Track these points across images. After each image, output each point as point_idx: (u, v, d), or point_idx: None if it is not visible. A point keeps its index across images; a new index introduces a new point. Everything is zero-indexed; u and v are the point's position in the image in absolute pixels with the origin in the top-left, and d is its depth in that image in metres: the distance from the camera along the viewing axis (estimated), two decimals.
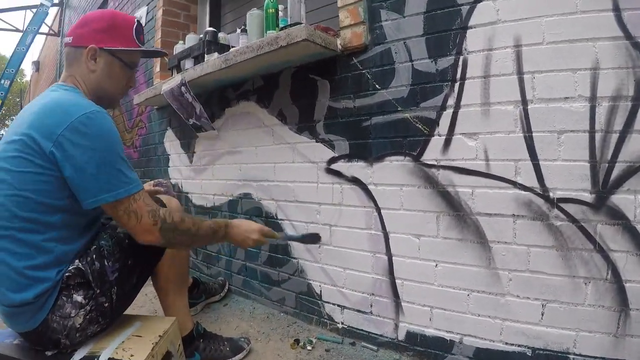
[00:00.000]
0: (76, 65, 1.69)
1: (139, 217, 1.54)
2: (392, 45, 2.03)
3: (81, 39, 1.67)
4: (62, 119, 1.43)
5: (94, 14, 1.75)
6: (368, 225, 2.16)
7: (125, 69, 1.78)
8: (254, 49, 2.22)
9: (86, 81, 1.70)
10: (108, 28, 1.69)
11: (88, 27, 1.68)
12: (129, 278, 1.71)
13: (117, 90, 1.81)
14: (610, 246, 1.59)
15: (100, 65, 1.69)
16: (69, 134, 1.41)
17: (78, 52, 1.67)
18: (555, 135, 1.65)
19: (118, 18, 1.74)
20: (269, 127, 2.64)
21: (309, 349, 2.18)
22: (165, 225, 1.60)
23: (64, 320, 1.50)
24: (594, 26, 1.59)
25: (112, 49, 1.69)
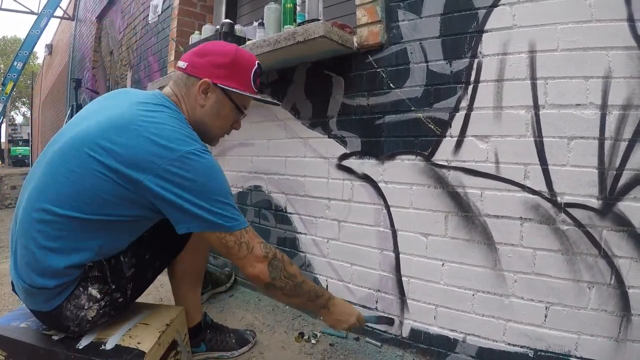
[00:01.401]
0: (185, 93, 1.62)
1: (251, 248, 1.51)
2: (408, 45, 2.05)
3: (197, 69, 1.60)
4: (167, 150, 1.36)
5: (216, 45, 1.69)
6: (377, 223, 2.18)
7: (235, 111, 1.71)
8: (270, 43, 2.23)
9: (191, 112, 1.63)
10: (228, 65, 1.61)
11: (207, 59, 1.61)
12: (145, 272, 1.70)
13: (221, 129, 1.76)
14: (615, 252, 1.60)
15: (210, 102, 1.62)
16: (172, 168, 1.35)
17: (190, 81, 1.61)
18: (565, 141, 1.67)
19: (240, 56, 1.64)
20: (282, 121, 2.66)
21: (313, 342, 2.20)
22: (275, 261, 1.56)
23: (77, 311, 1.50)
24: (608, 35, 1.59)
25: (227, 88, 1.62)
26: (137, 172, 1.34)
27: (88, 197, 1.36)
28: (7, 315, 1.75)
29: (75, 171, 1.36)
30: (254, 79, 1.68)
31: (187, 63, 1.62)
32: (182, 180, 1.36)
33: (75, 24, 11.19)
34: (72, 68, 10.91)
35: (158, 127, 1.40)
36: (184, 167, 1.36)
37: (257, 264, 1.52)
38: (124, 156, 1.34)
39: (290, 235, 2.64)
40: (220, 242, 1.47)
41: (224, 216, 1.43)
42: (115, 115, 1.43)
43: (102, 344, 1.54)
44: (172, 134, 1.41)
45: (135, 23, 5.46)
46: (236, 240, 1.47)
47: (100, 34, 8.12)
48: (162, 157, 1.35)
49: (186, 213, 1.39)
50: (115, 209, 1.40)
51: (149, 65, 4.85)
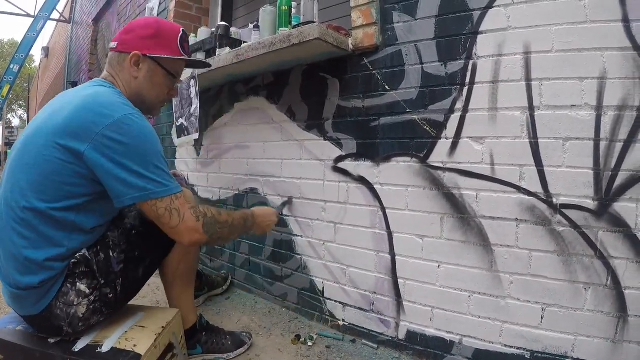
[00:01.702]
0: (119, 70, 1.71)
1: (182, 215, 1.55)
2: (403, 47, 2.05)
3: (126, 44, 1.69)
4: (102, 117, 1.44)
5: (139, 21, 1.77)
6: (373, 225, 2.18)
7: (168, 78, 1.78)
8: (266, 45, 2.23)
9: (127, 86, 1.71)
10: (153, 35, 1.70)
11: (133, 34, 1.70)
12: (135, 270, 1.72)
13: (159, 98, 1.82)
14: (611, 253, 1.61)
15: (143, 72, 1.70)
16: (109, 133, 1.43)
17: (121, 58, 1.70)
18: (560, 142, 1.67)
19: (163, 26, 1.74)
20: (277, 124, 2.65)
21: (310, 344, 2.20)
22: (207, 219, 1.62)
23: (67, 308, 1.52)
24: (603, 36, 1.60)
25: (155, 56, 1.70)
26: (78, 143, 1.42)
27: (47, 183, 1.44)
28: (3, 319, 1.76)
29: (29, 163, 1.46)
30: (181, 44, 1.77)
31: (117, 42, 1.71)
32: (117, 144, 1.43)
33: (72, 27, 11.17)
34: (68, 71, 10.90)
35: (93, 98, 1.51)
36: (120, 131, 1.44)
37: (193, 232, 1.59)
38: (64, 128, 1.44)
39: (287, 237, 2.63)
40: (151, 209, 1.51)
41: (154, 181, 1.49)
42: (56, 104, 1.58)
43: (98, 346, 1.55)
44: (105, 101, 1.51)
45: None
46: (167, 207, 1.52)
47: (97, 36, 8.12)
48: (99, 124, 1.43)
49: (120, 180, 1.45)
50: (73, 188, 1.47)
51: None
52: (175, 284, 2.01)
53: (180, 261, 1.96)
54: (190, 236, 1.58)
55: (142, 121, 1.52)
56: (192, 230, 1.58)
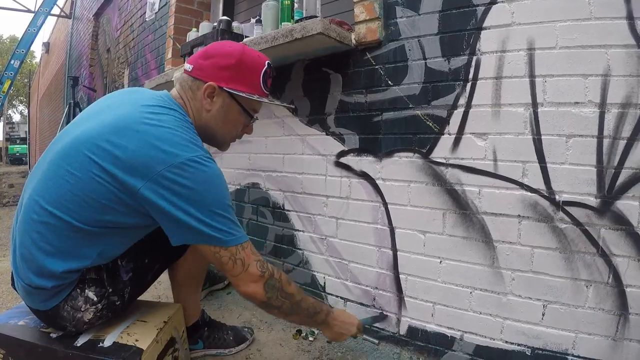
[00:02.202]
0: (191, 96, 1.56)
1: (246, 265, 1.44)
2: (406, 42, 2.04)
3: (202, 71, 1.53)
4: (167, 156, 1.31)
5: (222, 46, 1.59)
6: (375, 220, 2.18)
7: (244, 115, 1.63)
8: (268, 40, 2.23)
9: (197, 116, 1.57)
10: (233, 66, 1.53)
11: (212, 61, 1.53)
12: (144, 276, 1.68)
13: (230, 135, 1.69)
14: (613, 251, 1.60)
15: (216, 106, 1.55)
16: (171, 175, 1.30)
17: (195, 85, 1.54)
18: (563, 139, 1.67)
19: (247, 57, 1.56)
20: (279, 118, 2.65)
21: (311, 339, 2.20)
22: (272, 281, 1.50)
23: (74, 312, 1.49)
24: (607, 33, 1.59)
25: (233, 92, 1.54)
26: (134, 179, 1.30)
27: (86, 202, 1.32)
28: (5, 313, 1.75)
29: (74, 174, 1.33)
30: (264, 80, 1.60)
31: (193, 66, 1.55)
32: (180, 188, 1.31)
33: (72, 22, 11.16)
34: (69, 66, 10.89)
35: (160, 131, 1.35)
36: (183, 174, 1.31)
37: (252, 283, 1.47)
38: (123, 160, 1.30)
39: (288, 232, 2.64)
40: (214, 256, 1.41)
41: (219, 230, 1.38)
42: (118, 116, 1.38)
43: (100, 341, 1.54)
44: (174, 138, 1.35)
45: (132, 20, 5.46)
46: (231, 256, 1.42)
47: (97, 31, 8.11)
48: (162, 163, 1.30)
49: (180, 224, 1.34)
50: (113, 216, 1.36)
51: (146, 63, 4.85)
52: (184, 286, 1.98)
53: (193, 265, 1.91)
54: (248, 287, 1.47)
55: (210, 165, 1.38)
56: (252, 282, 1.47)
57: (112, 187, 1.31)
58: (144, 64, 4.91)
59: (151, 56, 4.68)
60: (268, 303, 1.52)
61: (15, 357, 1.57)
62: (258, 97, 1.59)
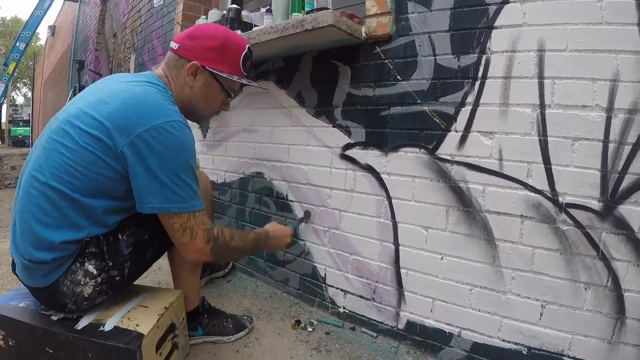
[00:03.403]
0: (175, 74, 1.68)
1: (194, 234, 1.54)
2: (417, 37, 2.04)
3: (188, 51, 1.65)
4: (145, 119, 1.43)
5: (207, 28, 1.72)
6: (378, 214, 2.19)
7: (223, 93, 1.77)
8: (278, 29, 2.22)
9: (180, 92, 1.69)
10: (217, 48, 1.66)
11: (198, 42, 1.66)
12: (143, 253, 1.71)
13: (209, 111, 1.82)
14: (613, 255, 1.62)
15: (198, 83, 1.68)
16: (147, 136, 1.41)
17: (180, 62, 1.67)
18: (569, 141, 1.67)
19: (230, 40, 1.70)
20: (286, 109, 2.65)
21: (310, 330, 2.22)
22: (217, 243, 1.62)
23: (74, 286, 1.52)
24: (618, 38, 1.59)
25: (215, 71, 1.67)
26: (118, 138, 1.41)
27: (80, 172, 1.42)
28: (6, 295, 1.76)
29: (68, 146, 1.43)
30: (244, 63, 1.74)
31: (179, 45, 1.67)
32: (152, 150, 1.42)
33: (79, 6, 11.08)
34: (75, 49, 10.86)
35: (141, 97, 1.49)
36: (158, 137, 1.43)
37: (198, 253, 1.60)
38: (107, 124, 1.42)
39: (291, 222, 2.62)
40: (167, 221, 1.52)
41: (177, 195, 1.48)
42: (104, 91, 1.53)
43: (101, 325, 1.55)
44: (154, 103, 1.49)
45: (140, 6, 5.43)
46: (182, 223, 1.52)
47: (104, 16, 8.07)
48: (142, 125, 1.42)
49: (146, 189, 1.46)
50: (105, 184, 1.46)
51: (153, 49, 4.83)
52: (182, 269, 2.00)
53: None
54: (194, 255, 1.61)
55: (182, 131, 1.50)
56: (198, 251, 1.59)
57: (100, 154, 1.42)
58: (150, 50, 4.89)
59: (158, 42, 4.66)
60: (216, 258, 1.73)
61: (16, 339, 1.59)
62: (237, 78, 1.73)
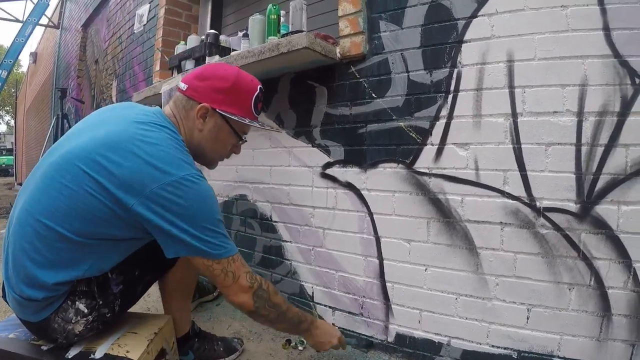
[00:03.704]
0: (184, 115, 1.60)
1: (237, 277, 1.51)
2: (390, 55, 2.08)
3: (197, 92, 1.58)
4: (160, 175, 1.35)
5: (217, 68, 1.65)
6: (360, 230, 2.21)
7: (234, 136, 1.68)
8: (255, 53, 2.25)
9: (189, 135, 1.61)
10: (228, 90, 1.58)
11: (207, 83, 1.58)
12: (133, 289, 1.70)
13: (219, 154, 1.75)
14: (594, 254, 1.65)
15: (208, 126, 1.60)
16: (164, 192, 1.34)
17: (189, 104, 1.59)
18: (543, 147, 1.71)
19: (241, 81, 1.61)
20: (266, 131, 2.65)
21: (300, 349, 2.21)
22: (261, 291, 1.58)
23: (65, 324, 1.49)
24: (584, 44, 1.64)
25: (226, 114, 1.59)
26: (127, 195, 1.33)
27: (80, 214, 1.35)
28: None
29: (68, 186, 1.35)
30: (255, 104, 1.65)
31: (188, 85, 1.59)
32: (173, 205, 1.35)
33: (60, 32, 11.07)
34: (57, 76, 10.82)
35: (154, 148, 1.38)
36: (177, 192, 1.35)
37: (241, 294, 1.54)
38: (117, 176, 1.33)
39: (276, 243, 2.65)
40: (207, 268, 1.47)
41: (211, 244, 1.43)
42: (112, 132, 1.41)
43: (91, 353, 1.54)
44: (168, 156, 1.39)
45: (120, 32, 5.45)
46: (222, 268, 1.48)
47: (86, 42, 8.07)
48: (155, 181, 1.33)
49: (174, 239, 1.39)
50: (106, 229, 1.39)
51: (134, 75, 4.85)
52: (174, 296, 1.99)
53: (184, 275, 1.93)
54: (238, 297, 1.54)
55: (201, 182, 1.42)
56: (242, 293, 1.54)
57: (106, 201, 1.33)
58: (132, 76, 4.91)
59: (139, 68, 4.68)
60: (256, 312, 1.58)
61: None
62: (249, 121, 1.65)
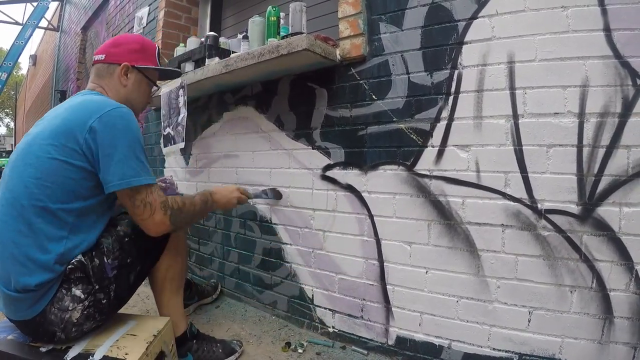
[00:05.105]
0: (107, 80, 1.91)
1: (153, 209, 1.69)
2: (390, 57, 2.07)
3: (115, 56, 1.91)
4: (95, 110, 1.61)
5: (126, 36, 2.08)
6: (361, 232, 2.20)
7: (150, 86, 2.06)
8: (255, 55, 2.24)
9: (116, 94, 1.89)
10: (139, 50, 1.96)
11: (122, 47, 1.93)
12: (127, 276, 1.77)
13: (142, 104, 2.07)
14: (596, 256, 1.64)
15: (131, 81, 1.93)
16: (99, 124, 1.58)
17: (111, 69, 1.90)
18: (544, 148, 1.70)
19: (146, 42, 2.03)
20: (266, 133, 2.66)
21: (300, 352, 2.20)
22: (174, 212, 1.76)
23: (61, 313, 1.55)
24: (585, 45, 1.64)
25: (142, 67, 1.95)
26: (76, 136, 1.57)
27: (48, 181, 1.54)
28: None
29: (32, 164, 1.57)
30: (158, 57, 2.06)
31: (105, 54, 1.92)
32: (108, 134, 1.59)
33: (60, 35, 11.09)
34: (56, 79, 10.82)
35: (86, 102, 1.70)
36: (111, 121, 1.61)
37: (160, 225, 1.73)
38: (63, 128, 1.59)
39: (276, 245, 2.64)
40: (128, 199, 1.66)
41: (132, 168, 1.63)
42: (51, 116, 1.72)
43: (90, 354, 1.55)
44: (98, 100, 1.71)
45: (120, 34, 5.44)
46: (142, 199, 1.67)
47: (85, 45, 8.10)
48: (92, 117, 1.59)
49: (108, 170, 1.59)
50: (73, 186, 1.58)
51: None
52: (164, 290, 2.03)
53: (169, 267, 2.00)
54: (157, 228, 1.73)
55: (129, 114, 1.70)
56: (159, 224, 1.72)
57: (63, 157, 1.56)
58: None
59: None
60: (175, 229, 1.83)
61: None
62: (159, 67, 2.07)
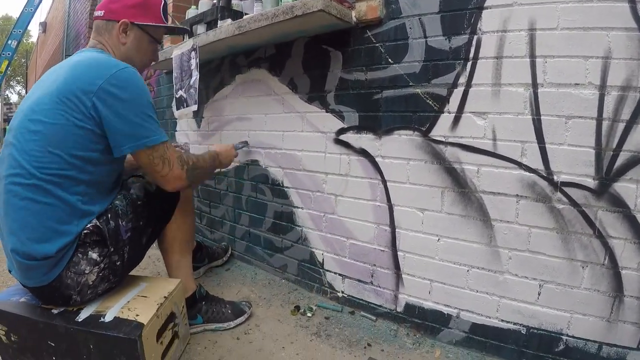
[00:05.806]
0: (107, 37, 1.86)
1: (171, 164, 1.75)
2: (407, 20, 2.02)
3: (114, 13, 1.84)
4: (101, 73, 1.57)
5: None
6: (373, 197, 2.19)
7: (153, 44, 1.98)
8: (268, 17, 2.20)
9: (116, 51, 1.87)
10: (140, 5, 1.87)
11: (120, 3, 1.84)
12: (140, 238, 1.80)
13: (143, 62, 2.02)
14: (610, 232, 1.62)
15: (130, 39, 1.88)
16: (109, 86, 1.56)
17: (109, 25, 1.85)
18: (563, 120, 1.67)
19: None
20: (279, 96, 2.64)
21: (309, 315, 2.23)
22: (189, 167, 1.83)
23: (77, 277, 1.56)
24: (609, 16, 1.58)
25: (143, 24, 1.88)
26: (84, 96, 1.54)
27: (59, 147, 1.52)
28: (6, 291, 1.78)
29: (37, 130, 1.53)
30: (164, 14, 1.97)
31: (104, 10, 1.85)
32: (117, 97, 1.57)
33: (69, 1, 11.01)
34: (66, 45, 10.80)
35: (90, 59, 1.66)
36: (119, 84, 1.58)
37: (178, 180, 1.80)
38: (72, 85, 1.55)
39: (287, 209, 2.65)
40: (146, 159, 1.69)
41: (148, 129, 1.65)
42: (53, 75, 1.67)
43: (101, 316, 1.57)
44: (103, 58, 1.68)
45: None
46: (160, 156, 1.70)
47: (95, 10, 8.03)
48: (99, 78, 1.56)
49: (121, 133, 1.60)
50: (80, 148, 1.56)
51: None
52: (173, 251, 2.05)
53: (178, 228, 2.03)
54: (175, 183, 1.80)
55: (135, 74, 1.67)
56: (177, 179, 1.79)
57: (70, 116, 1.53)
58: None
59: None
60: (189, 184, 1.89)
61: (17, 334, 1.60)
62: (162, 25, 1.98)
